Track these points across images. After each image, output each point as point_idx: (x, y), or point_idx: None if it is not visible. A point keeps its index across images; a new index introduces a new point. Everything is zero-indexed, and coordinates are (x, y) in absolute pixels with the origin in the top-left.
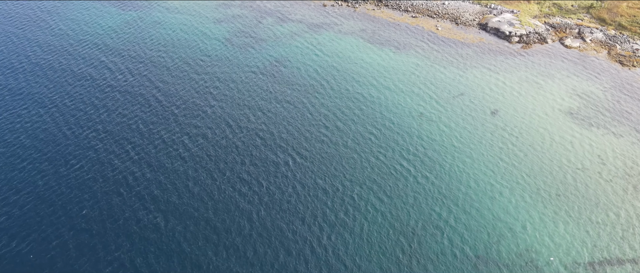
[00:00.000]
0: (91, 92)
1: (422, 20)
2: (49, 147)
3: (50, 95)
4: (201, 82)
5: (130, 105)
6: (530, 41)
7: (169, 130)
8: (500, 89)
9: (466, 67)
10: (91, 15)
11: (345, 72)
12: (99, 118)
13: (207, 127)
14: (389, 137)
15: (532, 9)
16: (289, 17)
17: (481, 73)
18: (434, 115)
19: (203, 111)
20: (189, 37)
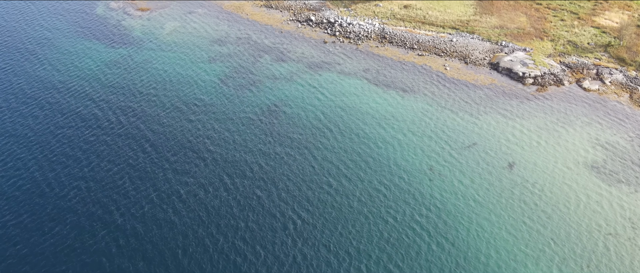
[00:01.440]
0: (79, 137)
1: (429, 59)
2: (24, 208)
3: (35, 140)
4: (196, 128)
5: (119, 153)
6: (546, 83)
7: (160, 187)
8: (516, 138)
9: (478, 113)
10: (77, 54)
11: (349, 118)
12: (84, 170)
13: (201, 182)
14: (400, 194)
15: (545, 46)
16: (288, 54)
17: (495, 119)
18: (447, 169)
19: (197, 162)
20: (183, 77)
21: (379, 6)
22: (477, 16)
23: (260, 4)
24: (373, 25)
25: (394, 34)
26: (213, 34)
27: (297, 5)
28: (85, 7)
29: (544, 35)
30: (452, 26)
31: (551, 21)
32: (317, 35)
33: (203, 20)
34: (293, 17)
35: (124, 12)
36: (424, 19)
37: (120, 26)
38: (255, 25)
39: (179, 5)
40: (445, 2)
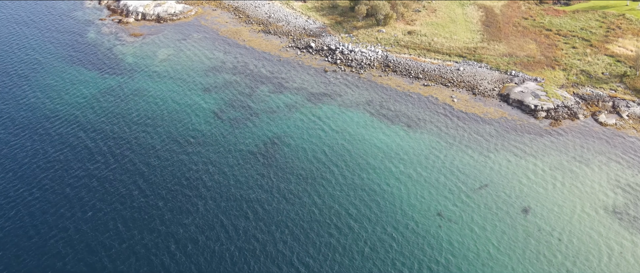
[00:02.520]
0: (69, 172)
1: (436, 90)
2: (7, 253)
3: (22, 175)
4: (192, 163)
5: (111, 191)
6: (560, 117)
7: (153, 233)
8: (531, 179)
9: (489, 150)
10: (68, 81)
11: (355, 154)
12: (73, 209)
13: (197, 228)
14: (410, 243)
15: (557, 76)
16: (287, 84)
17: (507, 157)
18: (459, 214)
19: (194, 202)
20: (176, 109)
21: (382, 32)
22: (485, 43)
23: (258, 29)
24: (376, 52)
25: (397, 62)
26: (208, 61)
27: (296, 31)
28: (77, 32)
29: (556, 64)
30: (459, 54)
31: (562, 49)
32: (317, 63)
33: (198, 47)
34: (292, 43)
35: (116, 38)
36: (429, 46)
37: (112, 53)
38: (253, 52)
39: (173, 31)
40: (451, 28)
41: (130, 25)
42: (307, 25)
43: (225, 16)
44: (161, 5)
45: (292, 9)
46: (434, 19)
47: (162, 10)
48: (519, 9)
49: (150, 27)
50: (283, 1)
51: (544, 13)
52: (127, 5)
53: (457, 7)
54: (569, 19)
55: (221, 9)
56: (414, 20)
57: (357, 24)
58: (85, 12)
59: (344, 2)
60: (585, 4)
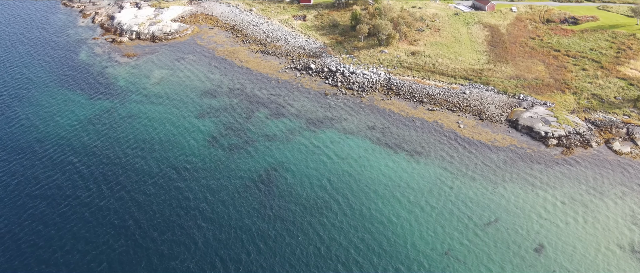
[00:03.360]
0: (54, 210)
1: (441, 115)
2: None
3: (3, 215)
4: (185, 198)
5: (98, 232)
6: (572, 144)
7: (148, 270)
8: (545, 214)
9: (497, 180)
10: (60, 103)
11: (358, 186)
12: (56, 255)
13: (194, 265)
14: None
15: (568, 100)
16: (285, 108)
17: (518, 189)
18: (471, 253)
19: (187, 243)
20: (170, 135)
21: (384, 53)
22: (491, 64)
23: (256, 49)
24: (378, 74)
25: (401, 85)
26: (204, 83)
27: (295, 51)
28: (70, 51)
29: (566, 87)
30: (465, 76)
31: (572, 71)
32: (317, 85)
33: (194, 68)
34: (291, 64)
35: (109, 58)
36: (433, 67)
37: (105, 74)
38: (250, 74)
39: (168, 51)
40: (456, 49)
41: (123, 45)
42: (306, 45)
43: (222, 35)
44: (156, 24)
45: (292, 28)
46: (438, 38)
47: (157, 29)
48: (526, 28)
49: (145, 46)
50: (282, 19)
51: (551, 32)
52: (121, 23)
53: (462, 26)
54: (577, 39)
55: (218, 28)
56: (418, 40)
57: (359, 44)
58: (78, 31)
59: (345, 21)
60: (594, 23)
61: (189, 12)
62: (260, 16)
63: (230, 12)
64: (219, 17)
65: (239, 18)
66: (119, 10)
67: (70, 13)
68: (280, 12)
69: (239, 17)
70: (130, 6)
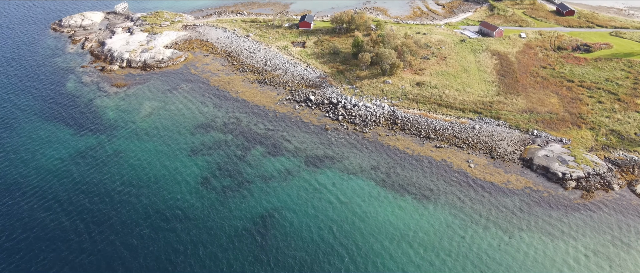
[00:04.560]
0: (32, 267)
1: (449, 152)
2: None
3: None
4: (178, 247)
5: None
6: (592, 187)
7: None
8: (564, 270)
9: (514, 229)
10: (43, 140)
11: (362, 234)
12: None
13: None
14: None
15: (585, 137)
16: (283, 145)
17: (535, 240)
18: None
19: None
20: (161, 175)
21: (388, 83)
22: (501, 96)
23: (253, 78)
24: (381, 107)
25: (406, 119)
26: (197, 117)
27: (294, 80)
28: (57, 81)
29: (582, 122)
30: (474, 109)
31: (588, 104)
32: (317, 119)
33: (186, 99)
34: (289, 95)
35: (98, 88)
36: (440, 99)
37: (92, 106)
38: (246, 106)
39: (159, 80)
40: (464, 79)
41: (113, 74)
42: (306, 74)
43: (217, 63)
44: (149, 51)
45: (290, 56)
46: (445, 67)
47: (149, 57)
48: (536, 55)
49: (136, 75)
50: (280, 46)
51: (563, 61)
52: (111, 50)
53: (469, 54)
54: (591, 68)
55: (213, 55)
56: (423, 69)
57: (361, 73)
58: (66, 58)
59: (346, 48)
60: (608, 51)
61: (183, 38)
62: (257, 42)
63: (227, 37)
64: (215, 43)
65: (235, 44)
66: (110, 36)
67: (60, 38)
68: (279, 38)
69: (235, 43)
70: (122, 31)
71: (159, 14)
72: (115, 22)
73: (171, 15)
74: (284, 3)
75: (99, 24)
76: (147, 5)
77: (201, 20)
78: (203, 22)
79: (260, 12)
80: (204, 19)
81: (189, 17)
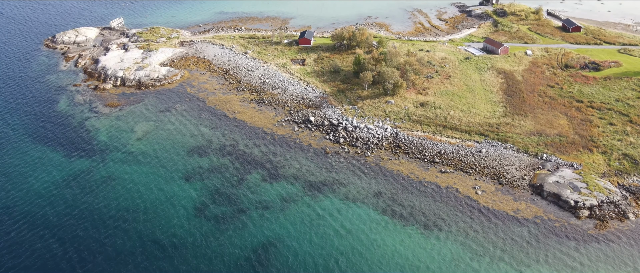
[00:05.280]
0: None
1: (455, 178)
2: None
3: None
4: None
5: None
6: (606, 216)
7: None
8: None
9: (530, 261)
10: (34, 163)
11: (369, 267)
12: None
13: None
14: None
15: (597, 161)
16: (281, 170)
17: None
18: None
19: None
20: (156, 201)
21: (391, 103)
22: (508, 117)
23: (251, 97)
24: (384, 129)
25: (409, 141)
26: (193, 139)
27: (293, 100)
28: (48, 100)
29: (593, 146)
30: (480, 131)
31: (598, 125)
32: (317, 142)
33: (181, 121)
34: (288, 116)
35: (90, 108)
36: (445, 121)
37: (84, 127)
38: (244, 128)
39: (154, 100)
40: (469, 99)
41: (107, 93)
42: (306, 93)
43: (214, 81)
44: (143, 68)
45: (290, 74)
46: (449, 86)
47: (144, 75)
48: (543, 74)
49: (130, 95)
50: (279, 63)
51: (571, 80)
52: (105, 68)
53: (474, 73)
54: (600, 87)
55: (210, 73)
56: (427, 88)
57: (362, 92)
58: (59, 76)
59: (347, 66)
60: (617, 70)
61: (179, 55)
62: (255, 60)
63: (224, 54)
64: (212, 61)
65: (232, 62)
66: (104, 53)
67: (53, 55)
68: (278, 55)
69: (233, 60)
70: (117, 48)
71: (155, 29)
72: (110, 38)
73: (167, 31)
74: (284, 18)
75: (94, 40)
76: (143, 20)
77: (198, 36)
78: (200, 38)
79: (258, 28)
80: (201, 35)
81: (185, 33)
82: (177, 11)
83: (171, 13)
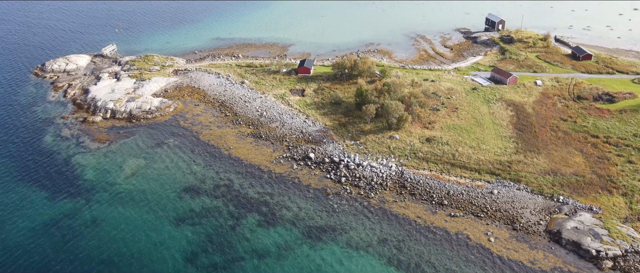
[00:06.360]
0: None
1: (466, 223)
2: None
3: None
4: None
5: None
6: (631, 268)
7: None
8: None
9: None
10: (14, 205)
11: None
12: None
13: None
14: None
15: (617, 204)
16: (280, 213)
17: None
18: None
19: None
20: (143, 248)
21: (395, 139)
22: (520, 154)
23: (247, 131)
24: (388, 167)
25: (416, 181)
26: (184, 178)
27: (292, 134)
28: (33, 134)
29: (612, 186)
30: (490, 170)
31: (616, 163)
32: (317, 181)
33: (174, 157)
34: (287, 152)
35: (77, 143)
36: (453, 158)
37: (70, 164)
38: (239, 165)
39: (145, 134)
40: (477, 133)
41: (96, 126)
42: (305, 127)
43: (209, 114)
44: (135, 100)
45: (288, 105)
46: (456, 120)
47: (136, 107)
48: (554, 106)
49: (120, 128)
50: (278, 94)
51: (585, 113)
52: (95, 99)
53: (482, 104)
54: (616, 121)
55: (205, 104)
56: (433, 122)
57: (365, 126)
58: (46, 107)
59: (349, 97)
60: (632, 102)
61: (173, 85)
62: (253, 90)
63: (220, 84)
64: (207, 91)
65: (229, 92)
66: (95, 82)
67: (41, 85)
68: (276, 85)
69: (229, 90)
70: (108, 77)
71: (149, 57)
72: (102, 66)
73: (162, 59)
74: (282, 45)
75: (85, 68)
76: (137, 47)
77: (193, 64)
78: (195, 66)
79: (256, 55)
80: (196, 62)
81: (180, 61)
82: (173, 37)
83: (166, 39)
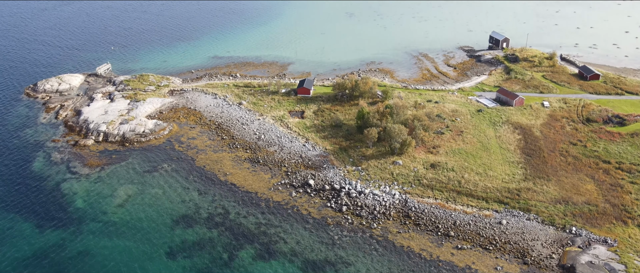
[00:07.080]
0: None
1: (473, 256)
2: None
3: None
4: None
5: None
6: None
7: None
8: None
9: None
10: (1, 234)
11: None
12: None
13: None
14: None
15: (633, 236)
16: (277, 245)
17: None
18: None
19: None
20: None
21: (398, 164)
22: (529, 181)
23: (244, 156)
24: (391, 195)
25: (420, 210)
26: (178, 207)
27: (291, 159)
28: (22, 158)
29: (627, 217)
30: (498, 198)
31: (630, 191)
32: (317, 210)
33: (167, 184)
34: (285, 178)
35: (68, 169)
36: (458, 185)
37: (60, 191)
38: (235, 193)
39: (139, 158)
40: (484, 158)
41: (87, 150)
42: (304, 151)
43: (205, 136)
44: (128, 122)
45: (287, 128)
46: (462, 144)
47: (129, 129)
48: (563, 129)
49: (112, 152)
50: (276, 116)
51: (595, 136)
52: (87, 121)
53: (488, 127)
54: (628, 145)
55: (201, 126)
56: (437, 146)
57: (367, 151)
58: (37, 130)
59: (350, 120)
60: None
61: (168, 106)
62: (250, 112)
63: (217, 105)
64: (203, 112)
65: (226, 114)
66: (88, 103)
67: (33, 106)
68: (275, 106)
69: (226, 112)
70: (102, 98)
71: (144, 77)
72: (96, 86)
73: (157, 79)
74: (281, 64)
75: (78, 88)
76: (133, 65)
77: (190, 84)
78: (192, 86)
79: (255, 75)
80: (193, 82)
81: (176, 81)
82: (169, 55)
83: (163, 57)
